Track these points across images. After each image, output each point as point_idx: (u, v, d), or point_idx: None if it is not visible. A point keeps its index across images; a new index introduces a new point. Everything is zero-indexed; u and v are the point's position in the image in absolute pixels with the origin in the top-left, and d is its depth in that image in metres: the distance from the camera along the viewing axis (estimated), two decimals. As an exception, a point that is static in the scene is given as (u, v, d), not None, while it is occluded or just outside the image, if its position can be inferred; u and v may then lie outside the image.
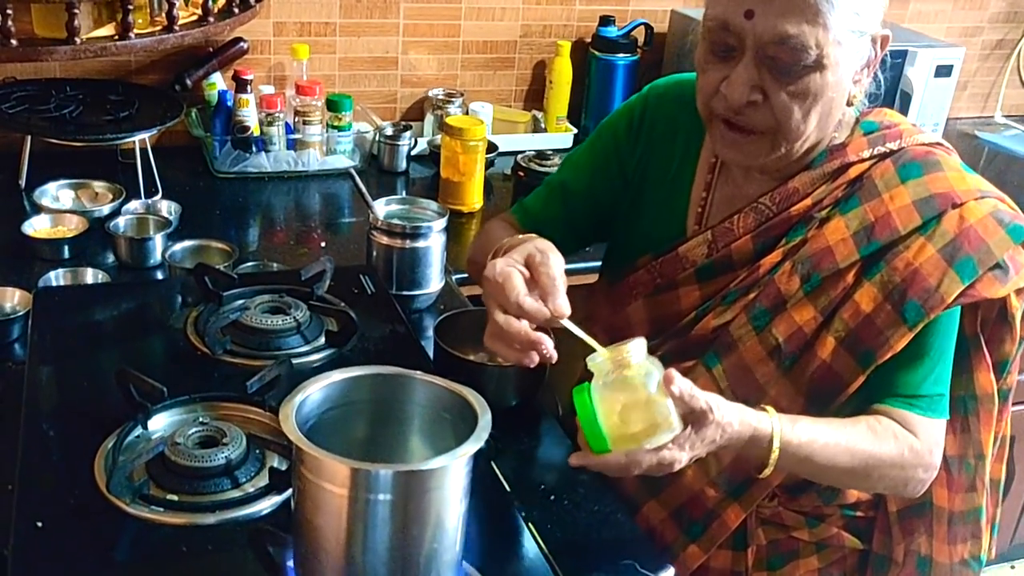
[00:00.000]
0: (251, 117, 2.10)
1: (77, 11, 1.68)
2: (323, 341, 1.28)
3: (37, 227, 1.74)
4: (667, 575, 1.07)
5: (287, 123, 2.17)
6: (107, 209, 1.84)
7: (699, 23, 1.15)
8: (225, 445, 1.01)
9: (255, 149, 2.13)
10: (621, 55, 2.46)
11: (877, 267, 1.16)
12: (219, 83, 2.19)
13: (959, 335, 1.20)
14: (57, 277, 1.60)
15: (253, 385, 1.10)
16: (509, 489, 1.12)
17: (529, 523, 1.07)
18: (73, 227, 1.75)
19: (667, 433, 1.00)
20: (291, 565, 0.87)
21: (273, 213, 2.04)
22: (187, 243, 1.70)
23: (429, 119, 2.39)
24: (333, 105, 2.18)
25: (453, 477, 0.80)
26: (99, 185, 1.93)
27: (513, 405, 1.32)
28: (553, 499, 1.16)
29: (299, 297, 1.32)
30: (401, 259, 1.55)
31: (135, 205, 1.85)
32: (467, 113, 2.35)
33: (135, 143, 1.92)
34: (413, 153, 2.28)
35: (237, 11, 1.97)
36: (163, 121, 1.94)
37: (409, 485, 0.78)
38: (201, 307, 1.31)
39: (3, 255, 1.69)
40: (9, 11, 1.65)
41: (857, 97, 1.18)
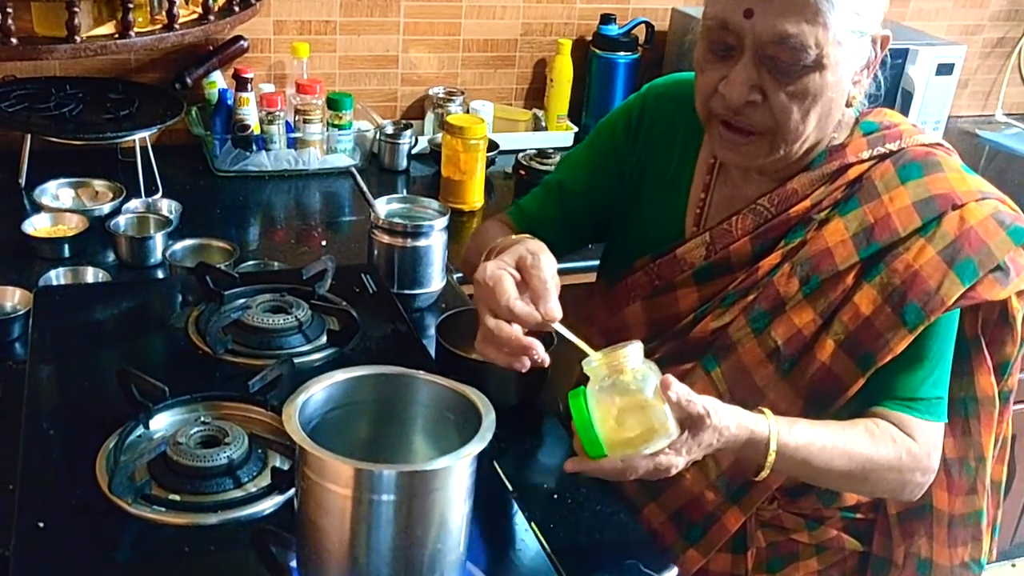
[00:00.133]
0: (251, 116, 2.10)
1: (77, 9, 1.67)
2: (325, 340, 1.28)
3: (37, 226, 1.73)
4: (670, 575, 1.07)
5: (287, 122, 2.16)
6: (107, 208, 1.83)
7: (700, 21, 1.14)
8: (227, 445, 1.01)
9: (255, 148, 2.12)
10: (622, 53, 2.46)
11: (877, 269, 1.15)
12: (219, 81, 2.19)
13: (959, 337, 1.19)
14: (57, 276, 1.60)
15: (255, 385, 1.10)
16: (511, 489, 1.12)
17: (532, 523, 1.07)
18: (73, 226, 1.75)
19: (664, 438, 0.99)
20: (294, 566, 0.87)
21: (274, 212, 2.03)
22: (188, 242, 1.70)
23: (430, 117, 2.39)
24: (333, 103, 2.18)
25: (457, 477, 0.80)
26: (99, 184, 1.93)
27: (515, 404, 1.31)
28: (556, 499, 1.16)
29: (300, 296, 1.31)
30: (402, 258, 1.55)
31: (135, 204, 1.84)
32: (468, 111, 2.35)
33: (135, 142, 1.92)
34: (414, 152, 2.28)
35: (237, 9, 1.97)
36: (163, 120, 1.93)
37: (413, 485, 0.78)
38: (202, 306, 1.31)
39: (3, 254, 1.68)
40: (9, 9, 1.65)
41: (856, 98, 1.17)
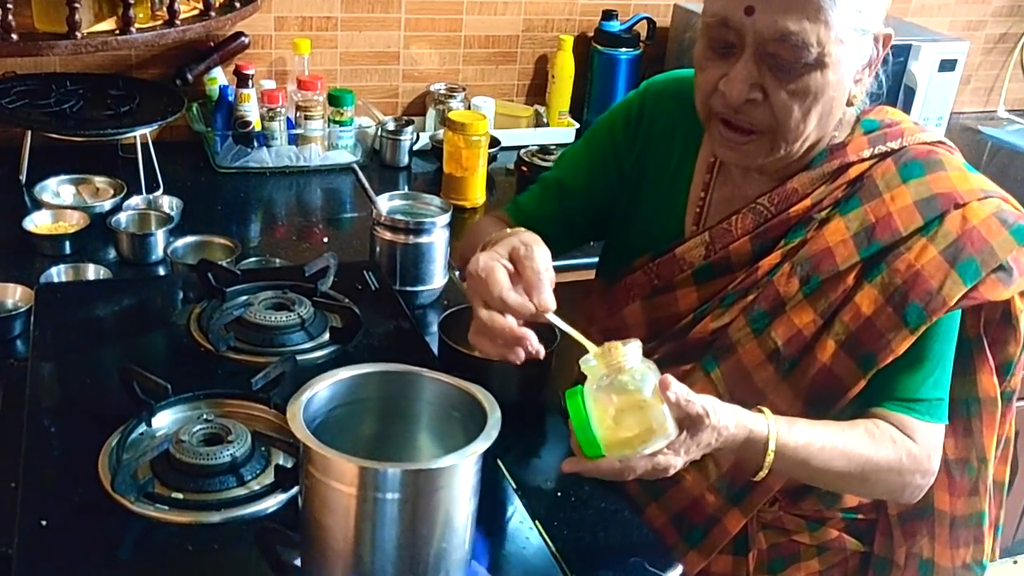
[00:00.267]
0: (252, 112, 2.09)
1: (78, 5, 1.67)
2: (327, 337, 1.27)
3: (38, 223, 1.73)
4: (675, 574, 1.06)
5: (288, 118, 2.16)
6: (108, 205, 1.83)
7: (701, 17, 1.13)
8: (230, 443, 1.01)
9: (256, 144, 2.12)
10: (623, 49, 2.45)
11: (878, 269, 1.14)
12: (220, 78, 2.18)
13: (961, 337, 1.18)
14: (59, 273, 1.59)
15: (258, 382, 1.10)
16: (515, 486, 1.12)
17: (536, 521, 1.06)
18: (74, 223, 1.74)
19: (662, 439, 0.98)
20: (298, 564, 0.87)
21: (275, 208, 2.03)
22: (189, 239, 1.69)
23: (431, 114, 2.38)
24: (335, 100, 2.17)
25: (462, 476, 0.79)
26: (100, 180, 1.92)
27: (518, 401, 1.31)
28: (559, 496, 1.16)
29: (303, 293, 1.31)
30: (404, 255, 1.55)
31: (136, 201, 1.83)
32: (469, 108, 2.34)
33: (136, 138, 1.91)
34: (415, 148, 2.27)
35: (238, 5, 1.96)
36: (164, 116, 1.93)
37: (418, 484, 0.77)
38: (204, 303, 1.30)
39: (4, 251, 1.68)
40: (9, 5, 1.64)
41: (858, 97, 1.16)
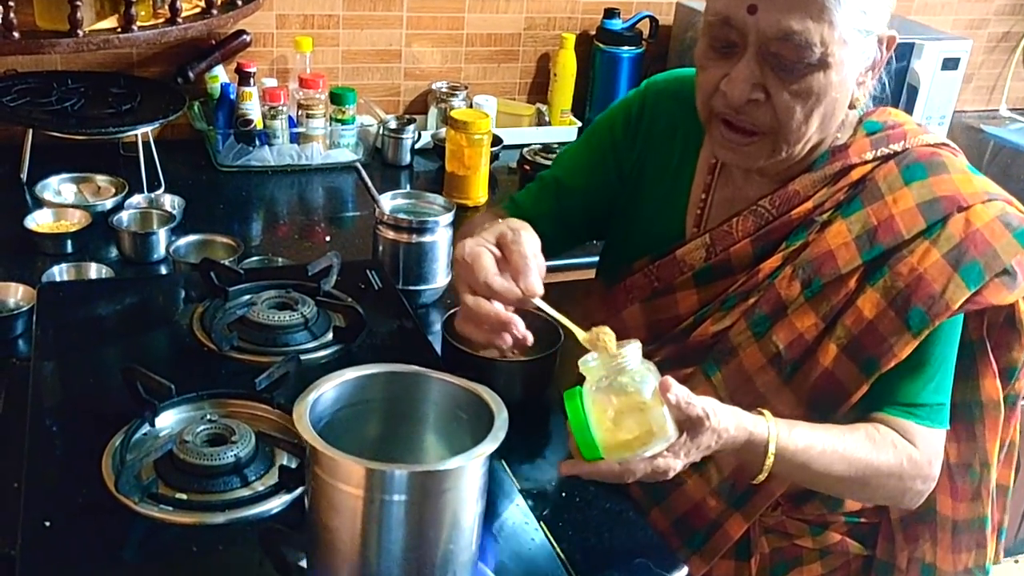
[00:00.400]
0: (254, 110, 2.09)
1: (80, 3, 1.67)
2: (331, 337, 1.27)
3: (40, 221, 1.72)
4: (680, 575, 1.06)
5: (290, 116, 2.15)
6: (110, 203, 1.82)
7: (703, 16, 1.12)
8: (234, 443, 1.00)
9: (258, 143, 2.11)
10: (626, 48, 2.44)
11: (880, 272, 1.13)
12: (222, 76, 2.18)
13: (963, 340, 1.17)
14: (61, 272, 1.59)
15: (262, 382, 1.09)
16: (519, 487, 1.11)
17: (540, 522, 1.06)
18: (76, 221, 1.74)
19: (662, 441, 0.97)
20: (303, 565, 0.86)
21: (276, 207, 2.02)
22: (191, 238, 1.69)
23: (433, 112, 2.38)
24: (336, 98, 2.16)
25: (470, 477, 0.79)
26: (101, 179, 1.92)
27: (522, 400, 1.30)
28: (564, 496, 1.15)
29: (306, 292, 1.30)
30: (408, 254, 1.54)
31: (138, 199, 1.83)
32: (471, 106, 2.34)
33: (137, 136, 1.91)
34: (417, 147, 2.27)
35: (240, 3, 1.96)
36: (166, 114, 1.92)
37: (425, 485, 0.77)
38: (207, 302, 1.29)
39: (6, 250, 1.67)
40: (11, 3, 1.64)
41: (860, 100, 1.15)
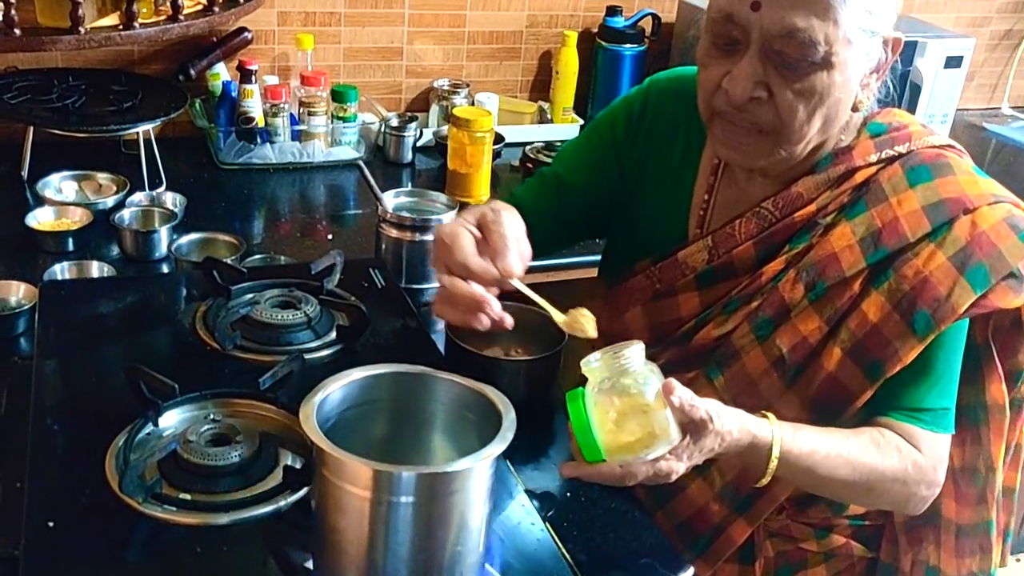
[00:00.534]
0: (255, 108, 2.08)
1: (81, 0, 1.65)
2: (334, 336, 1.26)
3: (41, 219, 1.71)
4: None
5: (292, 114, 2.15)
6: (111, 201, 1.82)
7: (705, 14, 1.11)
8: (238, 443, 1.00)
9: (260, 140, 2.11)
10: (628, 45, 2.44)
11: (885, 275, 1.12)
12: (223, 73, 2.17)
13: (969, 344, 1.16)
14: (62, 270, 1.58)
15: (266, 382, 1.09)
16: (524, 486, 1.11)
17: (546, 522, 1.05)
18: (77, 219, 1.73)
19: (665, 444, 0.96)
20: (308, 566, 0.86)
21: (278, 205, 2.02)
22: (193, 236, 1.69)
23: (434, 110, 2.37)
24: (338, 96, 2.16)
25: (477, 478, 0.78)
26: (103, 177, 1.91)
27: (525, 400, 1.29)
28: (569, 496, 1.15)
29: (309, 291, 1.30)
30: (411, 252, 1.54)
31: (140, 197, 1.82)
32: (473, 104, 2.33)
33: (139, 134, 1.90)
34: (418, 144, 2.26)
35: (242, 1, 1.95)
36: (167, 112, 1.92)
37: (433, 487, 0.77)
38: (209, 301, 1.29)
39: (7, 248, 1.67)
40: (12, 0, 1.63)
41: (864, 103, 1.14)
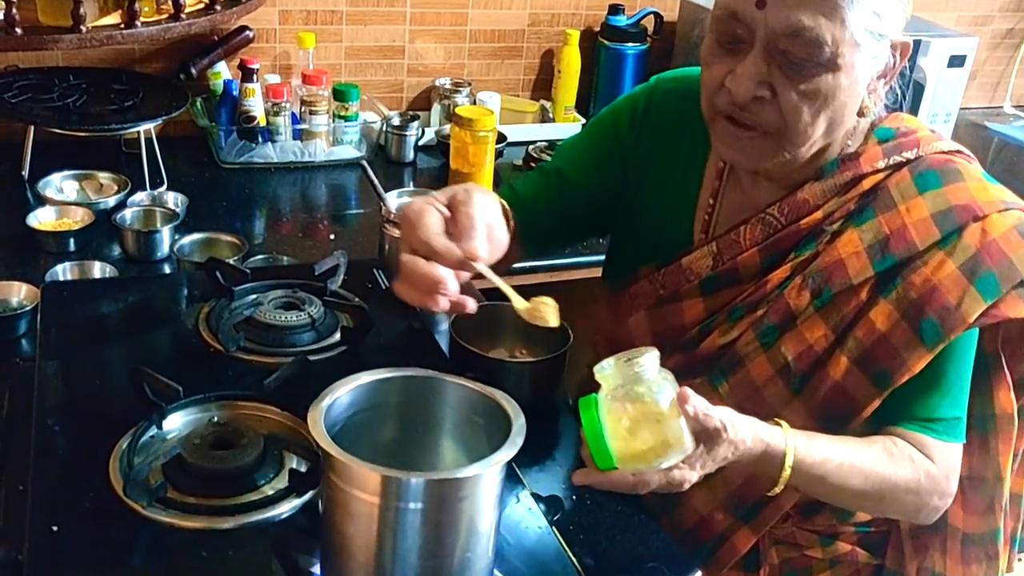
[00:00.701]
0: (257, 107, 2.07)
1: (82, -1, 1.65)
2: (338, 337, 1.25)
3: (42, 219, 1.71)
4: (694, 579, 1.05)
5: (293, 113, 2.14)
6: (113, 201, 1.81)
7: (710, 12, 1.10)
8: (243, 447, 0.99)
9: (261, 139, 2.10)
10: (630, 44, 2.43)
11: (893, 283, 1.11)
12: (224, 72, 2.16)
13: (977, 352, 1.15)
14: (64, 271, 1.58)
15: (270, 384, 1.08)
16: (529, 489, 1.10)
17: (552, 525, 1.05)
18: (79, 219, 1.72)
19: (679, 453, 0.95)
20: (315, 571, 0.85)
21: (280, 204, 2.01)
22: (195, 236, 1.68)
23: (436, 109, 2.36)
24: (340, 95, 2.15)
25: (487, 484, 0.78)
26: (104, 176, 1.91)
27: (530, 401, 1.28)
28: (575, 499, 1.14)
29: (313, 292, 1.29)
30: (414, 253, 1.53)
31: (141, 197, 1.82)
32: (474, 103, 2.33)
33: (140, 133, 1.89)
34: (420, 144, 2.25)
35: (243, -1, 1.94)
36: (168, 111, 1.91)
37: (442, 493, 0.76)
38: (212, 302, 1.28)
39: (8, 248, 1.66)
40: (13, -1, 1.63)
41: (870, 108, 1.12)
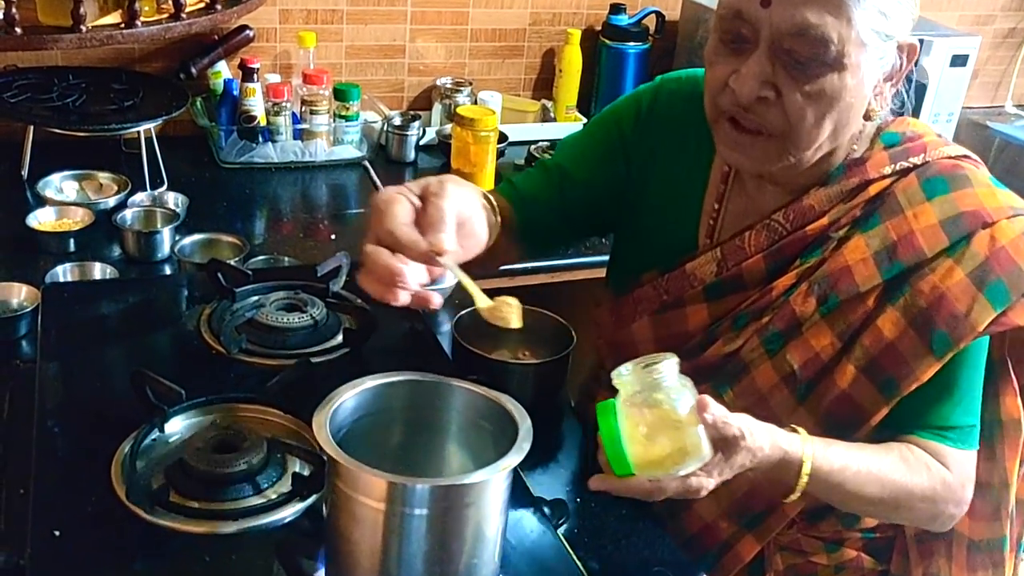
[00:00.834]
0: (257, 106, 2.07)
1: (82, -2, 1.64)
2: (341, 339, 1.24)
3: (42, 220, 1.70)
4: (699, 583, 1.05)
5: (294, 113, 2.13)
6: (113, 201, 1.80)
7: (712, 11, 1.09)
8: (246, 450, 0.98)
9: (261, 139, 2.09)
10: (632, 43, 2.43)
11: (901, 291, 1.09)
12: (225, 72, 2.15)
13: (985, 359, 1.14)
14: (64, 272, 1.57)
15: (273, 387, 1.07)
16: (533, 492, 1.09)
17: (557, 528, 1.04)
18: (79, 220, 1.72)
19: (697, 460, 0.95)
20: (320, 577, 0.85)
21: (280, 205, 2.00)
22: (196, 236, 1.68)
23: (437, 108, 2.36)
24: (340, 94, 2.15)
25: (493, 490, 0.77)
26: (104, 176, 1.90)
27: (533, 403, 1.28)
28: (579, 502, 1.14)
29: (315, 294, 1.28)
30: (416, 254, 1.52)
31: (141, 197, 1.81)
32: (476, 102, 2.32)
33: (140, 133, 1.89)
34: (421, 143, 2.25)
35: (244, -2, 1.93)
36: (168, 111, 1.90)
37: (448, 499, 0.75)
38: (214, 304, 1.27)
39: (8, 249, 1.66)
40: (13, -2, 1.62)
41: (877, 111, 1.11)
